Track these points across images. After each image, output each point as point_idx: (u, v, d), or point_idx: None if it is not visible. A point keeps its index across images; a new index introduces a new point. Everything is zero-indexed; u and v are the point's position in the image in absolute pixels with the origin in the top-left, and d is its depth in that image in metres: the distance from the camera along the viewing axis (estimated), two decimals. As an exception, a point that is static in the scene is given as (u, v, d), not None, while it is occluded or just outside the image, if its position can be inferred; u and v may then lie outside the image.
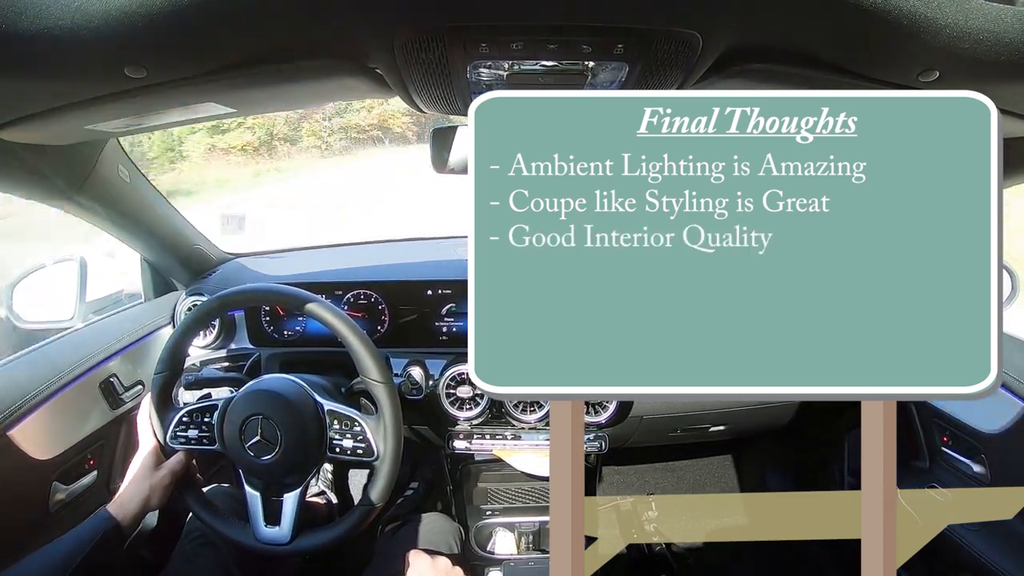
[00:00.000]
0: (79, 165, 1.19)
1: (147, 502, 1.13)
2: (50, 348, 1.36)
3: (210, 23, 0.67)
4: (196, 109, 0.95)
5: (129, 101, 0.85)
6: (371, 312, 1.64)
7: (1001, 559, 1.18)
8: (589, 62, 0.79)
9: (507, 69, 0.81)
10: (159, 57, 0.74)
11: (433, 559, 1.14)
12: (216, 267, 1.82)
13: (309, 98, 1.01)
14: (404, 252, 1.92)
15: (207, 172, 20.01)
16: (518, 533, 1.82)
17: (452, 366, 1.57)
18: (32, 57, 0.69)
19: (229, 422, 1.16)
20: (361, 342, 1.19)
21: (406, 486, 1.88)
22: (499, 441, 1.62)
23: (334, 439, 1.19)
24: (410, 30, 0.71)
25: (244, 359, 1.65)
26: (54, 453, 1.23)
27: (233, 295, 1.24)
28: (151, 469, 1.17)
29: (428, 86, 0.87)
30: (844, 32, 0.69)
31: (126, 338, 1.50)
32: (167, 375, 1.22)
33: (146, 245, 1.60)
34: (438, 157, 1.14)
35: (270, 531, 1.17)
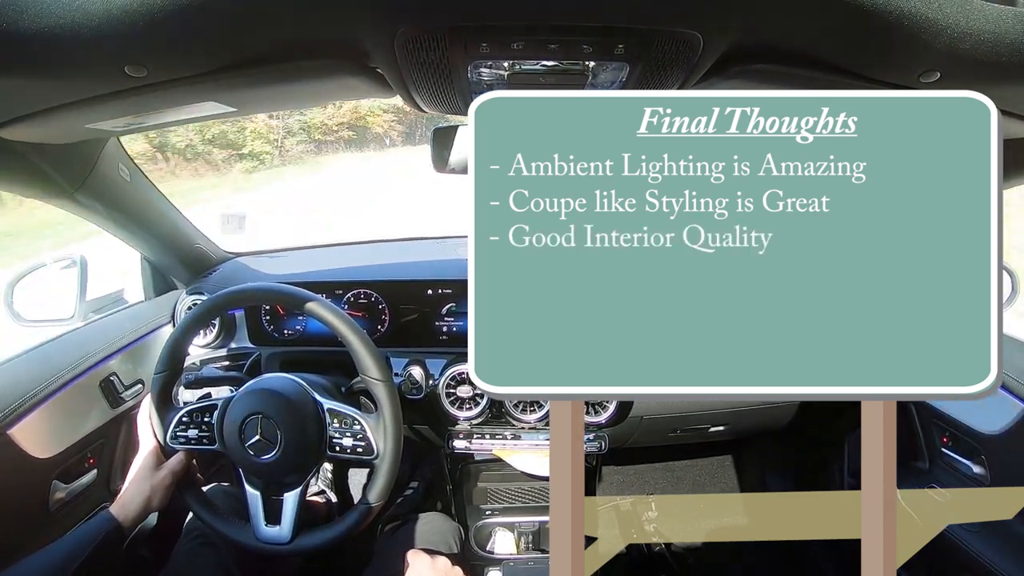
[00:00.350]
0: (80, 164, 1.19)
1: (148, 503, 1.13)
2: (50, 347, 1.36)
3: (211, 22, 0.67)
4: (196, 108, 0.95)
5: (130, 100, 0.85)
6: (371, 311, 1.64)
7: (1000, 559, 1.18)
8: (590, 62, 0.79)
9: (508, 69, 0.81)
10: (160, 56, 0.75)
11: (433, 559, 1.14)
12: (216, 266, 1.82)
13: (309, 97, 1.01)
14: (404, 252, 1.92)
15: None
16: (518, 533, 1.82)
17: (452, 366, 1.57)
18: (33, 56, 0.69)
19: (229, 421, 1.17)
20: (361, 341, 1.19)
21: (406, 486, 1.88)
22: (499, 441, 1.62)
23: (334, 438, 1.19)
24: (411, 30, 0.71)
25: (244, 358, 1.65)
26: (54, 452, 1.23)
27: (233, 294, 1.24)
28: (152, 470, 1.17)
29: (429, 86, 0.87)
30: (845, 33, 0.69)
31: (126, 337, 1.50)
32: (167, 375, 1.22)
33: (146, 244, 1.60)
34: (438, 157, 1.14)
35: (270, 530, 1.17)
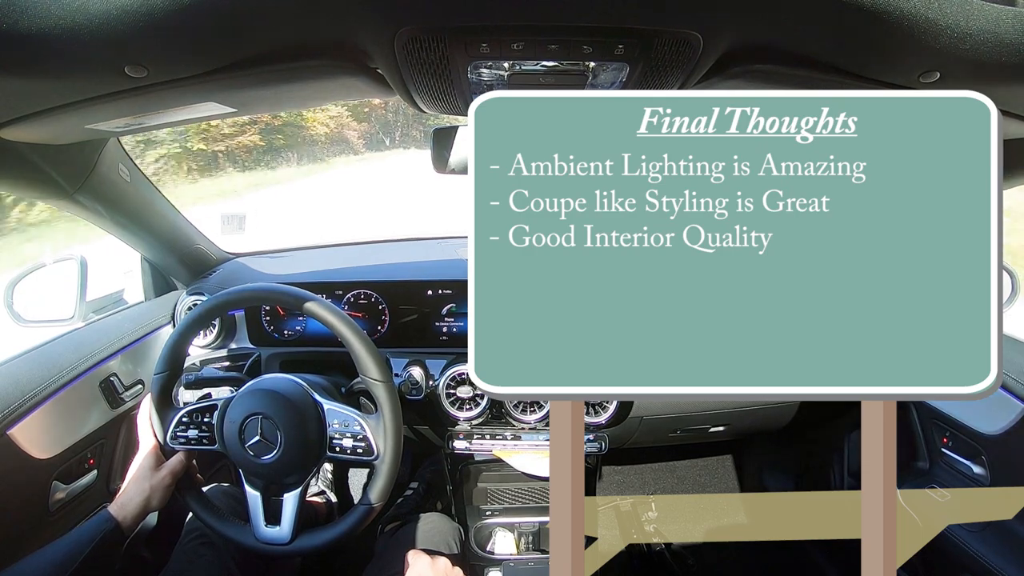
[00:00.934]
0: (80, 164, 1.19)
1: (148, 503, 1.13)
2: (50, 347, 1.36)
3: (211, 23, 0.67)
4: (196, 109, 0.95)
5: (130, 100, 0.85)
6: (371, 312, 1.64)
7: (999, 560, 1.18)
8: (590, 62, 0.79)
9: (508, 69, 0.81)
10: (160, 57, 0.74)
11: (433, 559, 1.14)
12: (216, 266, 1.82)
13: (309, 98, 1.01)
14: (405, 252, 1.92)
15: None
16: (518, 533, 1.82)
17: (452, 366, 1.57)
18: (33, 56, 0.69)
19: (229, 422, 1.16)
20: (361, 341, 1.19)
21: (406, 486, 1.89)
22: (499, 441, 1.62)
23: (334, 438, 1.19)
24: (411, 30, 0.71)
25: (244, 359, 1.65)
26: (54, 452, 1.23)
27: (232, 295, 1.24)
28: (151, 470, 1.17)
29: (429, 86, 0.87)
30: (845, 34, 0.69)
31: (126, 337, 1.50)
32: (167, 375, 1.22)
33: (147, 244, 1.60)
34: (438, 157, 1.14)
35: (270, 531, 1.17)
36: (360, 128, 21.79)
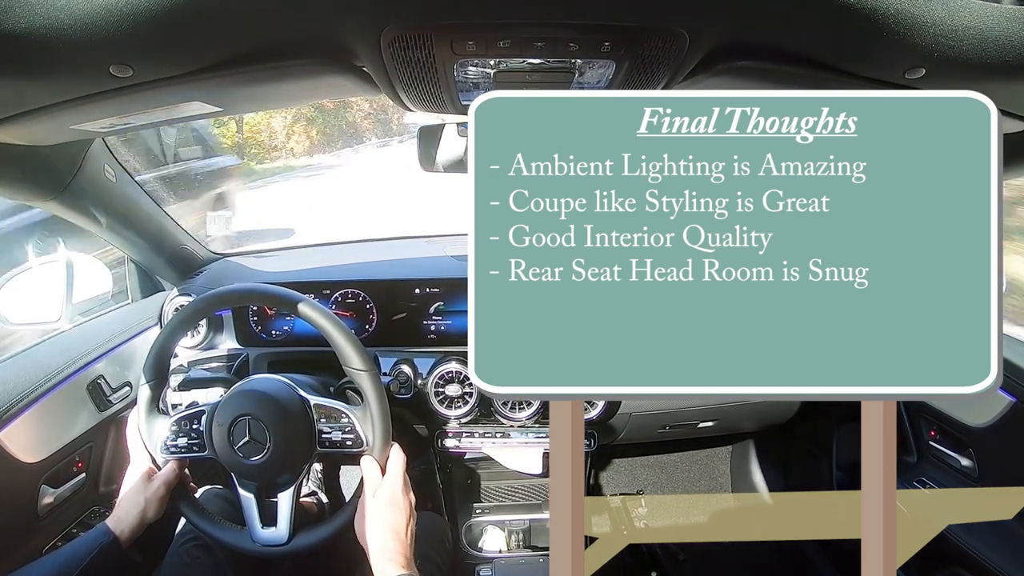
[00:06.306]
0: (64, 165, 1.18)
1: (143, 515, 1.12)
2: (37, 350, 1.35)
3: (196, 22, 0.67)
4: (182, 108, 0.94)
5: (114, 100, 0.84)
6: (359, 311, 1.63)
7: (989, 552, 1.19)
8: (576, 60, 0.79)
9: (494, 67, 0.81)
10: (145, 56, 0.74)
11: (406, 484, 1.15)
12: (204, 267, 1.80)
13: (296, 97, 1.01)
14: (393, 250, 1.91)
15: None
16: (508, 530, 1.82)
17: (440, 364, 1.57)
18: (16, 56, 0.68)
19: (217, 426, 1.16)
20: (342, 333, 1.18)
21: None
22: (489, 439, 1.62)
23: (323, 432, 1.19)
24: (396, 28, 0.70)
25: (232, 360, 1.64)
26: (42, 456, 1.22)
27: (216, 296, 1.23)
28: (144, 482, 1.16)
29: (415, 84, 0.87)
30: (829, 29, 0.70)
31: (113, 339, 1.49)
32: (153, 384, 1.21)
33: (133, 245, 1.58)
34: (425, 156, 1.14)
35: (267, 532, 1.17)
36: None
